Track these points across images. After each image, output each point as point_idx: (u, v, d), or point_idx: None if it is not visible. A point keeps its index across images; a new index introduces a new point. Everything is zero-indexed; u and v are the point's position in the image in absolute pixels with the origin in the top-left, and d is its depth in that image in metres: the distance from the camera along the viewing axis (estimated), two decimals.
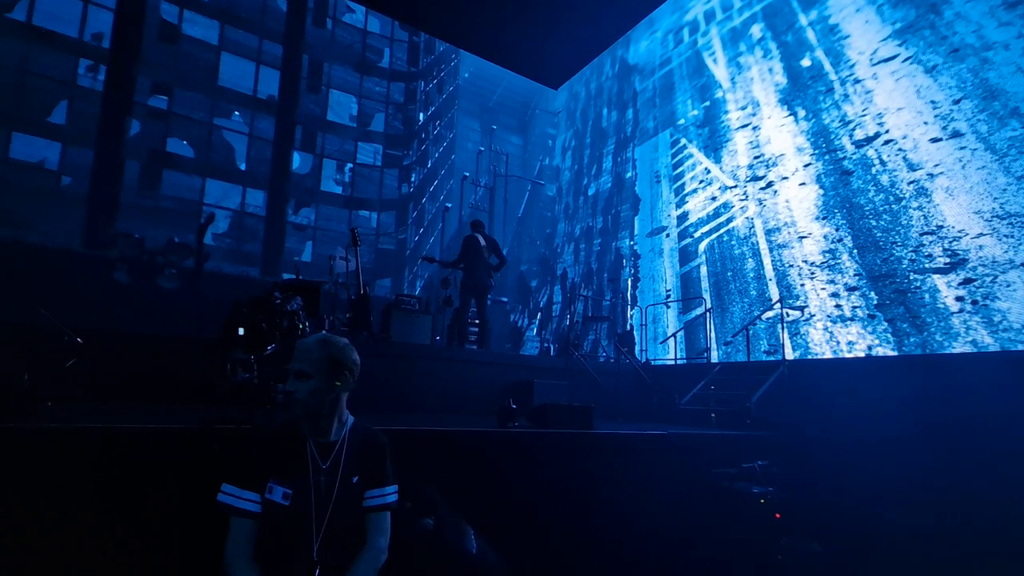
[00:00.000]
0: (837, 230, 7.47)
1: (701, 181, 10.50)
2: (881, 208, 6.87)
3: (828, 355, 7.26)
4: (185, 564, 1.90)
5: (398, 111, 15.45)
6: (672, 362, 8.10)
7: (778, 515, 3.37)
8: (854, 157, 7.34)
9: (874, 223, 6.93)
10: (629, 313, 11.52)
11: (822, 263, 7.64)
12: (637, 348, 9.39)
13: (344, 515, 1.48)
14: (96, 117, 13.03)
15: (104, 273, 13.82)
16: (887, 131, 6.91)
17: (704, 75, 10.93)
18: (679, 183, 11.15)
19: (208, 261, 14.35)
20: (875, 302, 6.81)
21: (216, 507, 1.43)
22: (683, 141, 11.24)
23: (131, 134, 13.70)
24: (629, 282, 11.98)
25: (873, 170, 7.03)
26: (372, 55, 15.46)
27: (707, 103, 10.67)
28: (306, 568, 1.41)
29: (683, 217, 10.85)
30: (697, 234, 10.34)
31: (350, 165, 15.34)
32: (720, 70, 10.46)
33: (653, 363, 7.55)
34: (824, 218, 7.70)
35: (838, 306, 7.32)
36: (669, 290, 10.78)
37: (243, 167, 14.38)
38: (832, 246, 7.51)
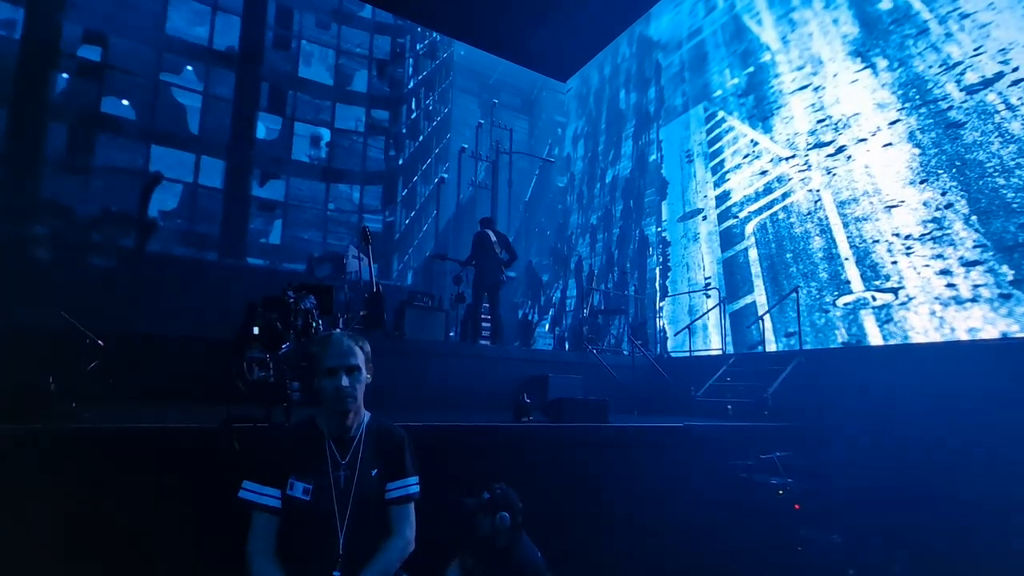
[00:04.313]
0: (944, 194, 6.14)
1: (746, 155, 9.19)
2: (1011, 163, 5.58)
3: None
4: (207, 560, 1.94)
5: (383, 70, 13.54)
6: (687, 354, 7.61)
7: (797, 506, 3.30)
8: (965, 106, 6.09)
9: (1002, 182, 5.62)
10: (658, 305, 9.99)
11: (923, 235, 6.28)
12: (662, 341, 8.32)
13: (365, 508, 1.51)
14: (11, 70, 10.71)
15: (20, 250, 11.27)
16: (1015, 69, 5.69)
17: (745, 40, 9.76)
18: (717, 160, 9.83)
19: (154, 234, 12.01)
20: (1008, 278, 5.44)
21: (237, 503, 1.46)
22: (721, 114, 9.98)
23: (56, 91, 11.36)
24: (657, 271, 10.48)
25: (996, 118, 5.77)
26: (351, 4, 13.56)
27: (750, 69, 9.46)
28: (332, 561, 1.43)
29: (723, 197, 9.49)
30: (743, 214, 8.96)
31: (327, 138, 13.30)
32: (767, 31, 9.30)
33: (671, 355, 7.04)
34: (923, 182, 6.38)
35: (951, 285, 5.93)
36: (708, 278, 9.32)
37: (196, 132, 12.17)
38: (937, 214, 6.17)
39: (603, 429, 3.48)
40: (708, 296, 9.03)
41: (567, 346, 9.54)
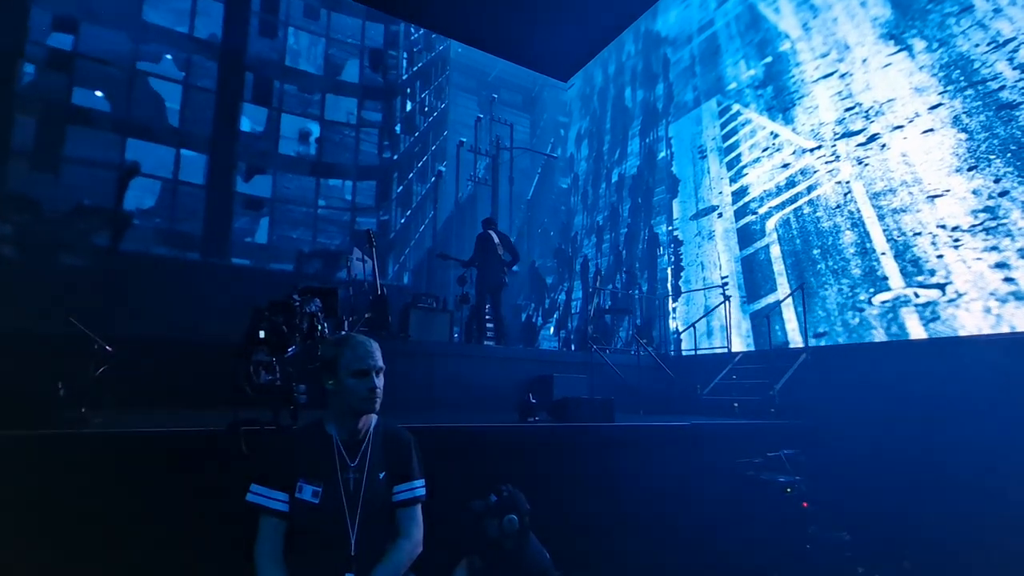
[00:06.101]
0: (997, 181, 5.60)
1: (765, 149, 8.67)
2: None
3: None
4: (215, 563, 1.95)
5: (376, 61, 12.87)
6: (692, 352, 7.55)
7: (805, 504, 3.29)
8: (1020, 85, 5.59)
9: None
10: (670, 306, 9.37)
11: (973, 226, 5.72)
12: (676, 342, 8.18)
13: (374, 511, 1.51)
14: None
15: None
16: None
17: (762, 29, 9.32)
18: (733, 155, 9.31)
19: (130, 232, 11.19)
20: None
21: (245, 506, 1.46)
22: (736, 107, 9.49)
23: (23, 83, 10.60)
24: (669, 271, 9.88)
25: None
26: None
27: (768, 59, 9.00)
28: (345, 563, 1.44)
29: (741, 192, 8.94)
30: (763, 210, 8.41)
31: (316, 134, 12.59)
32: (786, 19, 8.87)
33: (679, 354, 6.98)
34: (972, 168, 5.84)
35: (1009, 279, 5.36)
36: (725, 277, 8.73)
37: (176, 124, 11.42)
38: (990, 202, 5.62)
39: (609, 428, 3.46)
40: (725, 296, 8.44)
41: (573, 347, 8.91)
